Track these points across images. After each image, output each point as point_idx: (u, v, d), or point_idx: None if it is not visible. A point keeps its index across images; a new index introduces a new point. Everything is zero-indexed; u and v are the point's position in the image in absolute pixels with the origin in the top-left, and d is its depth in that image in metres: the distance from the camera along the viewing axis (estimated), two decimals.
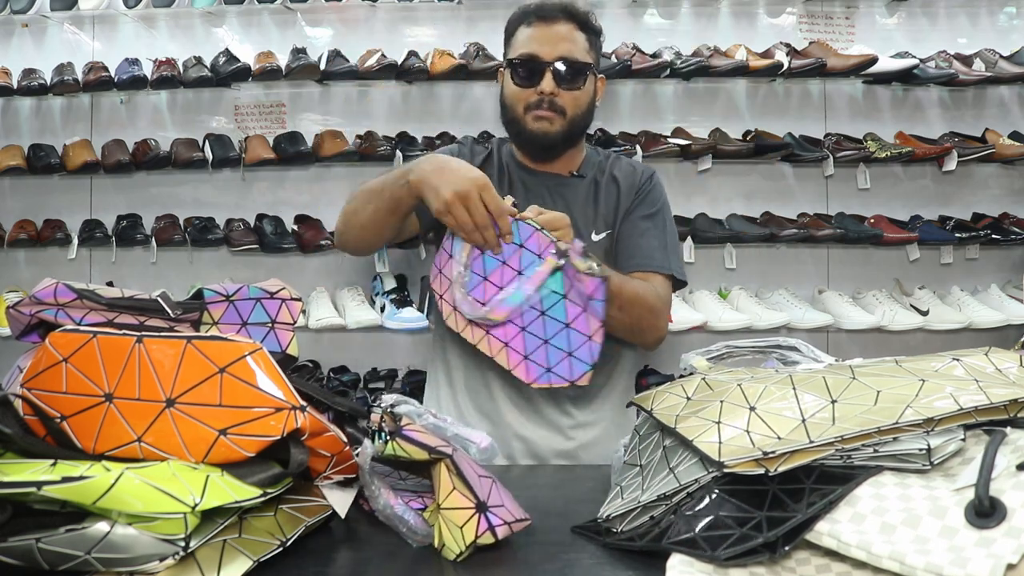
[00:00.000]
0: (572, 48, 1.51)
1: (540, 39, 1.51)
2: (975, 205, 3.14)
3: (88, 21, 3.20)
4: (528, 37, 1.53)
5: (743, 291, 2.99)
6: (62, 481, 0.65)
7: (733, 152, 2.96)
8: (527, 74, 1.51)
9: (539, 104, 1.51)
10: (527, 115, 1.53)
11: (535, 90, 1.51)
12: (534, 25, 1.53)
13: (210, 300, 1.02)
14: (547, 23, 1.52)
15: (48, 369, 0.80)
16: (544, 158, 1.60)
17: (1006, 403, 0.73)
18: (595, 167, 1.64)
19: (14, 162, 2.98)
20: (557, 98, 1.51)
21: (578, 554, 0.86)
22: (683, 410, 0.86)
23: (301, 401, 0.79)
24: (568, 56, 1.50)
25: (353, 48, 3.06)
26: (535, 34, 1.52)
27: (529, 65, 1.51)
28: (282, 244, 3.00)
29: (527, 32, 1.53)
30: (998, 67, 2.96)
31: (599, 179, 1.62)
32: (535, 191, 1.59)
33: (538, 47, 1.50)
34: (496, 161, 1.64)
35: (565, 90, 1.51)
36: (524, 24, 1.54)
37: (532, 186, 1.60)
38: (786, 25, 3.20)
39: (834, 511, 0.68)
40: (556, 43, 1.50)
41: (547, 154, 1.58)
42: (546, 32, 1.51)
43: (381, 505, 0.87)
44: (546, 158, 1.59)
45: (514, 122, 1.56)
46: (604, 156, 1.68)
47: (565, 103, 1.51)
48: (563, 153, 1.59)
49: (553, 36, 1.51)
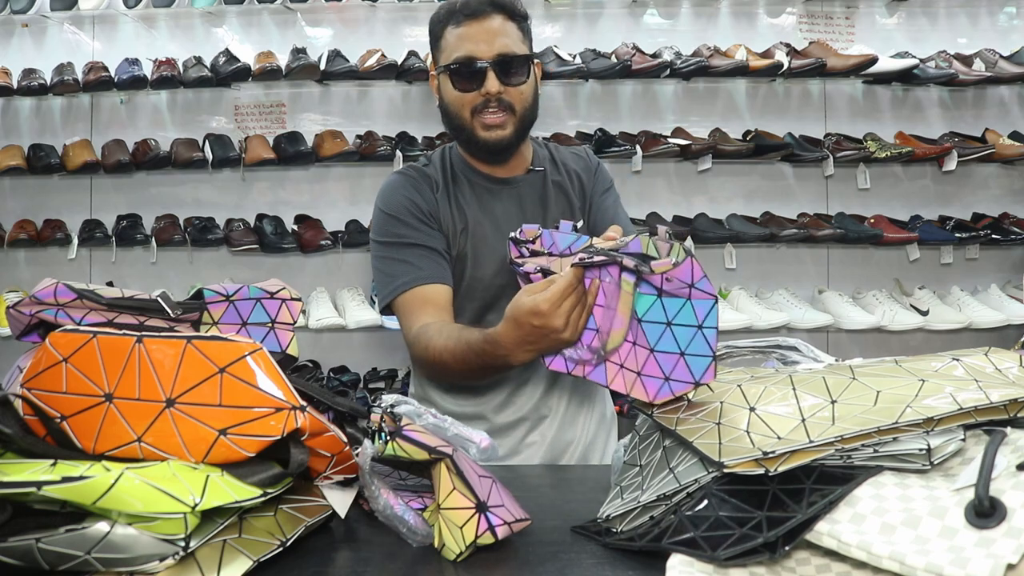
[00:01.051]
0: (508, 42, 1.44)
1: (474, 38, 1.44)
2: (975, 205, 3.15)
3: (88, 21, 3.20)
4: (460, 37, 1.45)
5: (743, 291, 3.00)
6: (62, 481, 0.65)
7: (733, 152, 2.96)
8: (468, 77, 1.45)
9: (486, 105, 1.46)
10: (475, 120, 1.47)
11: (479, 92, 1.45)
12: (464, 24, 1.45)
13: (210, 300, 1.02)
14: (477, 20, 1.44)
15: (48, 369, 0.80)
16: (499, 161, 1.55)
17: (1006, 403, 0.73)
18: (547, 160, 1.61)
19: (14, 162, 2.98)
20: (504, 95, 1.45)
21: (578, 554, 0.86)
22: (683, 411, 0.87)
23: (301, 401, 0.79)
24: (507, 51, 1.44)
25: (353, 48, 3.06)
26: (467, 33, 1.45)
27: (468, 67, 1.44)
28: (282, 244, 3.00)
29: (457, 32, 1.46)
30: (998, 67, 2.96)
31: (558, 171, 1.60)
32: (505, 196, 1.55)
33: (473, 47, 1.44)
34: (447, 173, 1.56)
35: (511, 87, 1.46)
36: (452, 24, 1.47)
37: (500, 193, 1.55)
38: (786, 25, 3.20)
39: (834, 511, 0.68)
40: (491, 40, 1.44)
41: (502, 156, 1.53)
42: (478, 30, 1.44)
43: (381, 505, 0.87)
44: (501, 161, 1.55)
45: (462, 129, 1.50)
46: (544, 146, 1.65)
47: (513, 99, 1.46)
48: (516, 152, 1.55)
49: (486, 33, 1.44)
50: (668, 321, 1.01)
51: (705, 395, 0.88)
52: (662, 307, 1.02)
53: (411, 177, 1.56)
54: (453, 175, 1.56)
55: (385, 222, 1.52)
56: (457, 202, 1.53)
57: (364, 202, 3.16)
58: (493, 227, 1.51)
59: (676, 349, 1.01)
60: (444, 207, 1.52)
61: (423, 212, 1.51)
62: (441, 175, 1.56)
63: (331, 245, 3.01)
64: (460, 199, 1.54)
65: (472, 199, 1.54)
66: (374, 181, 3.16)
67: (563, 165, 1.61)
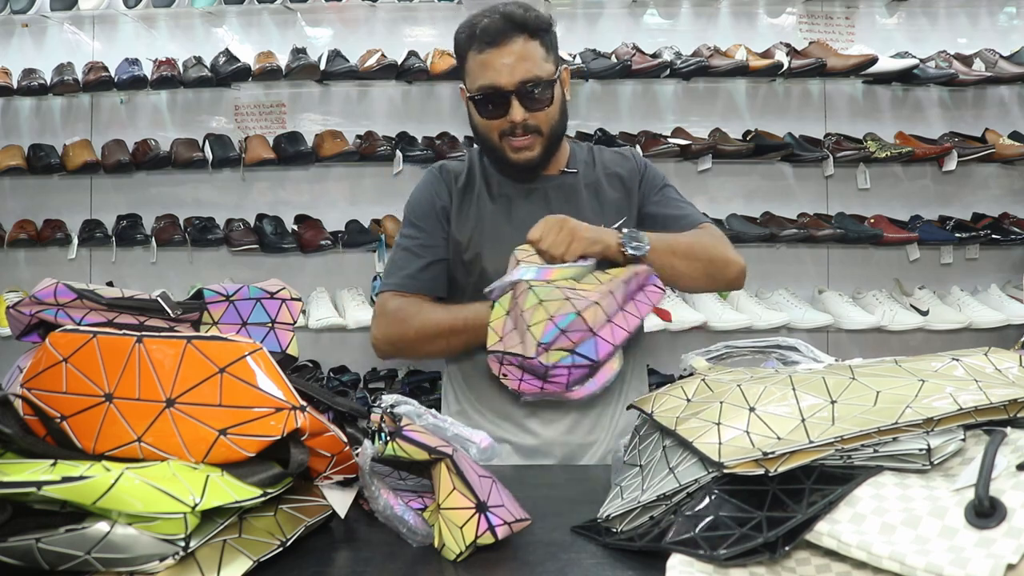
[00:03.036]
0: (531, 67, 1.43)
1: (496, 67, 1.42)
2: (975, 205, 3.14)
3: (88, 21, 3.20)
4: (482, 65, 1.44)
5: (743, 291, 2.99)
6: (62, 481, 0.65)
7: (733, 152, 2.96)
8: (492, 106, 1.45)
9: (513, 131, 1.46)
10: (503, 143, 1.48)
11: (505, 119, 1.45)
12: (485, 51, 1.44)
13: (210, 300, 1.02)
14: (497, 47, 1.43)
15: (48, 369, 0.80)
16: (530, 179, 1.57)
17: (1006, 403, 0.73)
18: (583, 162, 1.62)
19: (14, 162, 2.98)
20: (530, 120, 1.46)
21: (578, 554, 0.86)
22: (683, 412, 0.86)
23: (301, 401, 0.79)
24: (529, 77, 1.42)
25: (353, 48, 3.06)
26: (488, 61, 1.43)
27: (492, 98, 1.44)
28: (282, 244, 3.00)
29: (479, 59, 1.45)
30: (998, 67, 2.96)
31: (596, 174, 1.61)
32: (534, 198, 1.57)
33: (496, 76, 1.42)
34: (479, 173, 1.60)
35: (536, 111, 1.46)
36: (474, 50, 1.46)
37: (528, 194, 1.57)
38: (786, 25, 3.20)
39: (834, 511, 0.68)
40: (513, 68, 1.42)
41: (532, 174, 1.55)
42: (498, 57, 1.42)
43: (381, 506, 0.87)
44: (532, 178, 1.57)
45: (492, 151, 1.52)
46: (586, 149, 1.66)
47: (539, 122, 1.47)
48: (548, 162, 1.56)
49: (508, 60, 1.42)
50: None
51: (705, 395, 0.88)
52: None
53: (435, 175, 1.62)
54: (482, 172, 1.60)
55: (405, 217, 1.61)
56: (478, 202, 1.56)
57: (364, 202, 3.16)
58: (513, 227, 1.49)
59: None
60: (463, 206, 1.56)
61: (437, 211, 1.56)
62: (467, 174, 1.60)
63: (331, 245, 3.01)
64: (482, 199, 1.57)
65: (496, 198, 1.57)
66: (374, 181, 3.16)
67: (602, 166, 1.62)
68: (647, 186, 1.62)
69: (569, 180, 1.59)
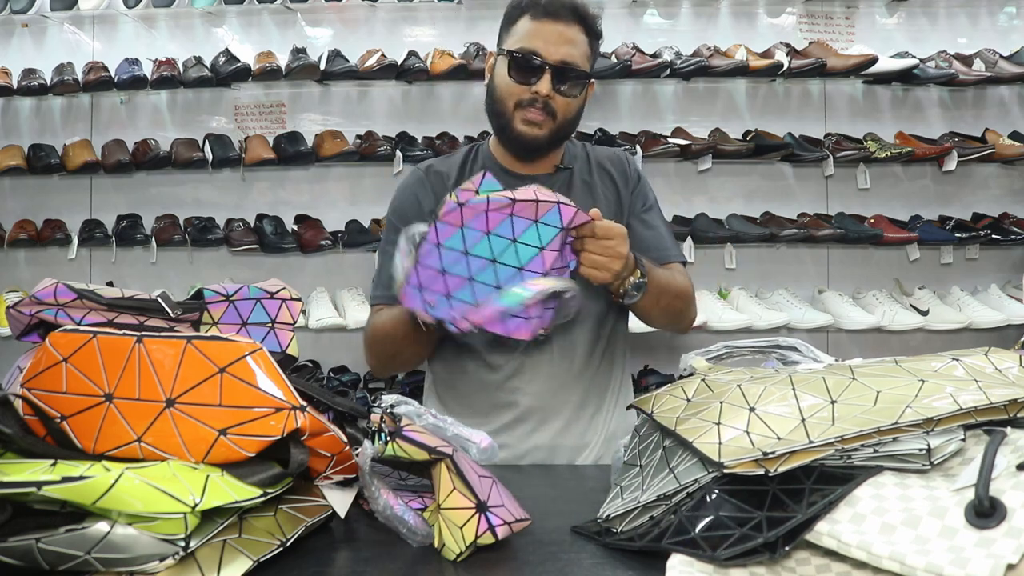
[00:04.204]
0: (574, 53, 1.46)
1: (545, 36, 1.45)
2: (975, 205, 3.14)
3: (88, 21, 3.20)
4: (531, 31, 1.46)
5: (743, 291, 3.00)
6: (62, 481, 0.65)
7: (733, 152, 2.96)
8: (525, 70, 1.45)
9: (532, 103, 1.46)
10: (516, 112, 1.48)
11: (529, 88, 1.46)
12: (540, 20, 1.46)
13: (210, 300, 1.02)
14: (553, 20, 1.45)
15: (48, 369, 0.80)
16: (527, 159, 1.56)
17: (1006, 403, 0.73)
18: (578, 159, 1.62)
19: (14, 162, 2.98)
20: (551, 101, 1.46)
21: (578, 554, 0.86)
22: (683, 412, 0.86)
23: (301, 401, 0.79)
24: (570, 60, 1.45)
25: (353, 48, 3.06)
26: (539, 29, 1.45)
27: (529, 61, 1.45)
28: (282, 244, 3.00)
29: (530, 26, 1.46)
30: (998, 67, 2.96)
31: (589, 171, 1.61)
32: None
33: (541, 44, 1.44)
34: (465, 168, 1.59)
35: (560, 95, 1.46)
36: (529, 16, 1.47)
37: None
38: (786, 25, 3.20)
39: (834, 511, 0.68)
40: (560, 44, 1.45)
41: (531, 155, 1.55)
42: (551, 30, 1.45)
43: (381, 506, 0.87)
44: (529, 159, 1.56)
45: (501, 115, 1.51)
46: (580, 146, 1.66)
47: (558, 107, 1.47)
48: (547, 155, 1.57)
49: (558, 35, 1.45)
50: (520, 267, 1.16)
51: (705, 395, 0.88)
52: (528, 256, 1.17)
53: (420, 177, 1.61)
54: (471, 170, 1.58)
55: (388, 220, 1.60)
56: None
57: (364, 202, 3.16)
58: None
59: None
60: None
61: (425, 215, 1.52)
62: (457, 171, 1.59)
63: (331, 245, 3.01)
64: None
65: None
66: (374, 181, 3.16)
67: (597, 164, 1.62)
68: (637, 197, 1.62)
69: (564, 177, 1.59)
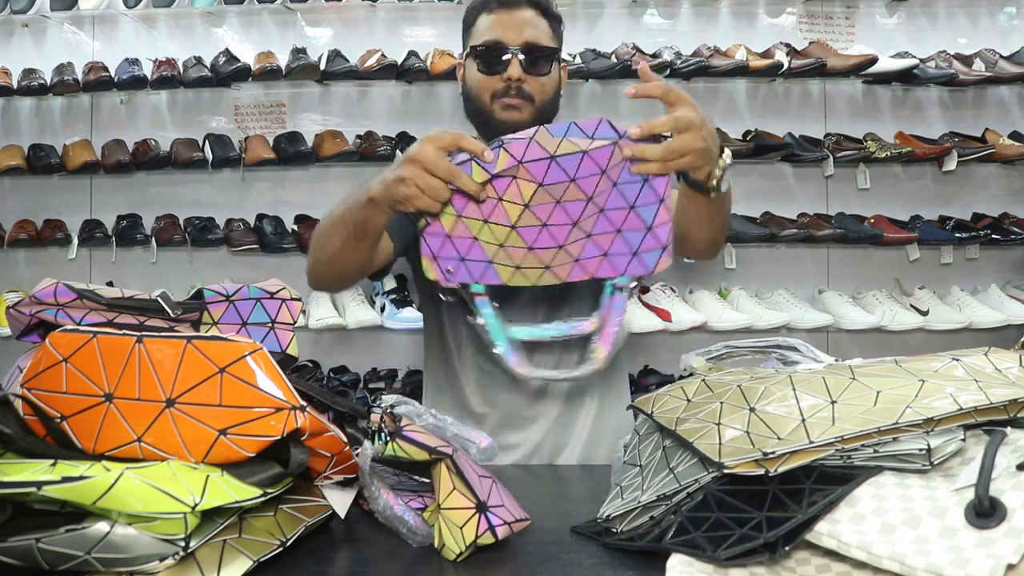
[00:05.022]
0: (537, 34, 1.48)
1: (504, 25, 1.48)
2: (975, 205, 3.14)
3: (88, 21, 3.20)
4: (491, 24, 1.50)
5: (743, 291, 2.99)
6: (62, 481, 0.65)
7: (733, 152, 2.95)
8: (492, 61, 1.48)
9: (506, 91, 1.47)
10: (494, 104, 1.49)
11: (501, 77, 1.47)
12: (496, 12, 1.50)
13: (210, 300, 1.02)
14: (509, 9, 1.49)
15: (48, 369, 0.80)
16: None
17: (1006, 403, 0.73)
18: None
19: (14, 162, 2.98)
20: (524, 84, 1.47)
21: (578, 554, 0.86)
22: (683, 412, 0.86)
23: (301, 401, 0.79)
24: (534, 41, 1.47)
25: (353, 48, 3.05)
26: (498, 20, 1.49)
27: (494, 51, 1.47)
28: (282, 244, 3.00)
29: (489, 19, 1.50)
30: (998, 67, 2.96)
31: None
32: None
33: (502, 32, 1.47)
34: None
35: (532, 76, 1.48)
36: (485, 12, 1.52)
37: None
38: (786, 25, 3.20)
39: (834, 511, 0.68)
40: (521, 28, 1.48)
41: None
42: (509, 18, 1.49)
43: (381, 506, 0.87)
44: None
45: (480, 112, 1.52)
46: None
47: (533, 90, 1.48)
48: None
49: (517, 22, 1.48)
50: (632, 205, 1.19)
51: (705, 395, 0.88)
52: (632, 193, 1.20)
53: None
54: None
55: None
56: None
57: None
58: None
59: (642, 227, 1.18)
60: None
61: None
62: None
63: None
64: None
65: None
66: None
67: None
68: None
69: None
